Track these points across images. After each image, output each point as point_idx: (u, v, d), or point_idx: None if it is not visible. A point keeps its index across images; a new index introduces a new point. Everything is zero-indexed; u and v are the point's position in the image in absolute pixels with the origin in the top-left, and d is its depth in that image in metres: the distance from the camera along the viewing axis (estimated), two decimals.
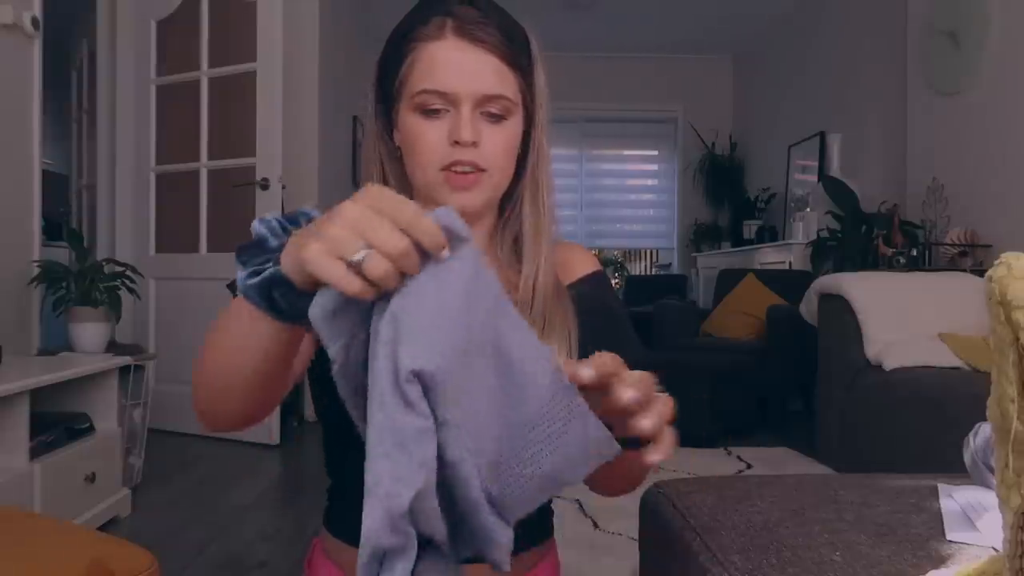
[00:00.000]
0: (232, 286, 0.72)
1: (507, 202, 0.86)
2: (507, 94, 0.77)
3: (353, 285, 0.43)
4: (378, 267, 0.42)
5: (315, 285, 0.46)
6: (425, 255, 0.45)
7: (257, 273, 0.52)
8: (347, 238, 0.43)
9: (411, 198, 0.71)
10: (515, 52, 0.79)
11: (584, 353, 0.74)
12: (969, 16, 3.28)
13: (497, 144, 0.78)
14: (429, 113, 0.77)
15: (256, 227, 0.54)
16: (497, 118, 0.78)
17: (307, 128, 3.76)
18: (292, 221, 0.55)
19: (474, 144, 0.76)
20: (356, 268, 0.43)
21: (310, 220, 0.53)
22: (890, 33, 4.06)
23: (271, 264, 0.51)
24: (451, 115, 0.76)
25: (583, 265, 0.90)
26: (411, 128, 0.78)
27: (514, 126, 0.80)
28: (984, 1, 3.19)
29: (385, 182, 0.83)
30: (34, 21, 2.41)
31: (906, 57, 3.81)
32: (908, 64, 3.78)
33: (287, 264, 0.49)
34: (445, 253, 0.45)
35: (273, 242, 0.53)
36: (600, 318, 0.85)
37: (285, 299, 0.51)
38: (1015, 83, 3.06)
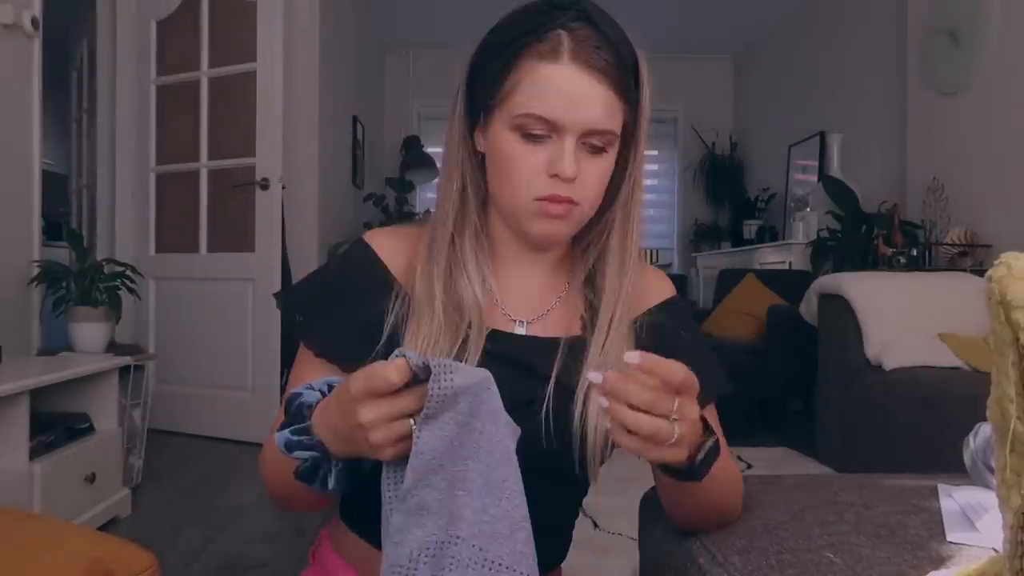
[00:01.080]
0: (278, 296, 0.84)
1: (586, 229, 0.82)
2: (612, 128, 0.74)
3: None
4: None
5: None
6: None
7: (303, 445, 0.65)
8: (384, 436, 0.59)
9: (485, 208, 0.82)
10: (627, 81, 0.75)
11: None
12: (969, 16, 3.28)
13: (593, 177, 0.75)
14: (530, 137, 0.73)
15: (303, 397, 0.68)
16: (597, 150, 0.74)
17: (307, 128, 3.76)
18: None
19: (573, 178, 0.73)
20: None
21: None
22: (890, 33, 4.06)
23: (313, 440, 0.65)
24: (553, 143, 0.73)
25: (658, 291, 0.87)
26: (508, 149, 0.74)
27: (611, 158, 0.76)
28: (984, 1, 3.19)
29: (463, 188, 0.80)
30: (34, 21, 2.40)
31: (906, 57, 3.81)
32: (908, 64, 3.78)
33: (341, 452, 0.63)
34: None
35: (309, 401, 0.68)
36: (675, 348, 0.78)
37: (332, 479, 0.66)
38: (1015, 83, 3.06)
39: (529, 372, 0.77)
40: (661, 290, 0.87)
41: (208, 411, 3.18)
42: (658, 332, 0.81)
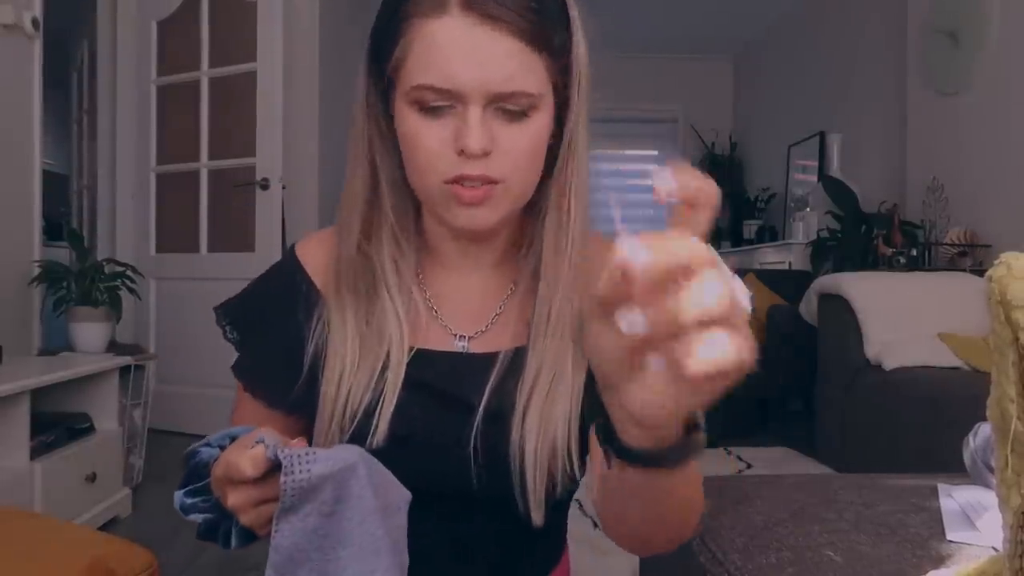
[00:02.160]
0: (220, 315, 0.79)
1: (532, 208, 0.69)
2: (529, 88, 0.60)
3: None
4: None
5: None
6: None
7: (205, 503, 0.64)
8: (253, 519, 0.57)
9: (411, 205, 0.71)
10: (545, 27, 0.60)
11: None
12: (969, 16, 3.28)
13: (516, 148, 0.62)
14: (429, 111, 0.61)
15: (200, 453, 0.64)
16: (516, 115, 0.61)
17: (307, 128, 3.76)
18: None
19: (485, 154, 0.61)
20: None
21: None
22: (890, 33, 4.06)
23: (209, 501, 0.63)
24: (456, 114, 0.60)
25: None
26: (408, 128, 0.62)
27: (539, 122, 0.63)
28: (984, 1, 3.19)
29: (375, 185, 0.69)
30: (34, 21, 2.40)
31: (906, 57, 3.81)
32: (908, 64, 3.78)
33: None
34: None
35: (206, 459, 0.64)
36: None
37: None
38: (1015, 83, 3.06)
39: (455, 401, 0.67)
40: None
41: (208, 411, 3.18)
42: None
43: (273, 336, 0.73)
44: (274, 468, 0.54)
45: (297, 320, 0.71)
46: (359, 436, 0.65)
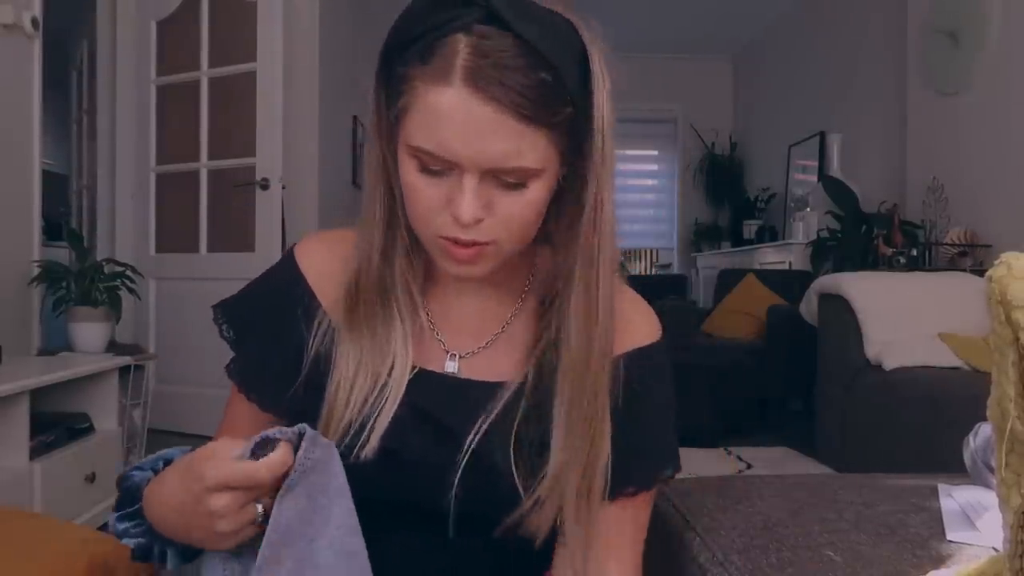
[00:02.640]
0: (217, 313, 0.80)
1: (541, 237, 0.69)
2: (527, 164, 0.60)
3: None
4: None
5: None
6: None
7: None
8: (233, 525, 0.56)
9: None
10: (547, 101, 0.59)
11: (615, 429, 0.68)
12: (969, 16, 3.28)
13: (511, 215, 0.62)
14: (428, 170, 0.61)
15: (132, 476, 0.67)
16: (514, 185, 0.61)
17: (307, 128, 3.76)
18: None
19: (477, 222, 0.61)
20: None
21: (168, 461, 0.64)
22: (890, 33, 4.06)
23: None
24: (453, 177, 0.60)
25: (643, 331, 0.74)
26: (407, 178, 0.63)
27: (537, 191, 0.62)
28: (984, 1, 3.19)
29: (391, 206, 0.69)
30: (34, 21, 2.40)
31: (906, 57, 3.81)
32: (908, 64, 3.78)
33: (176, 536, 0.62)
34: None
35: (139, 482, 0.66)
36: (638, 404, 0.70)
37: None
38: (1015, 83, 3.06)
39: (447, 432, 0.67)
40: (647, 331, 0.75)
41: (208, 411, 3.17)
42: (625, 382, 0.69)
43: (269, 340, 0.74)
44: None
45: (294, 326, 0.72)
46: (350, 446, 0.66)
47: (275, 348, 0.73)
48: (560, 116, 0.60)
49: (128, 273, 2.53)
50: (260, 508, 0.57)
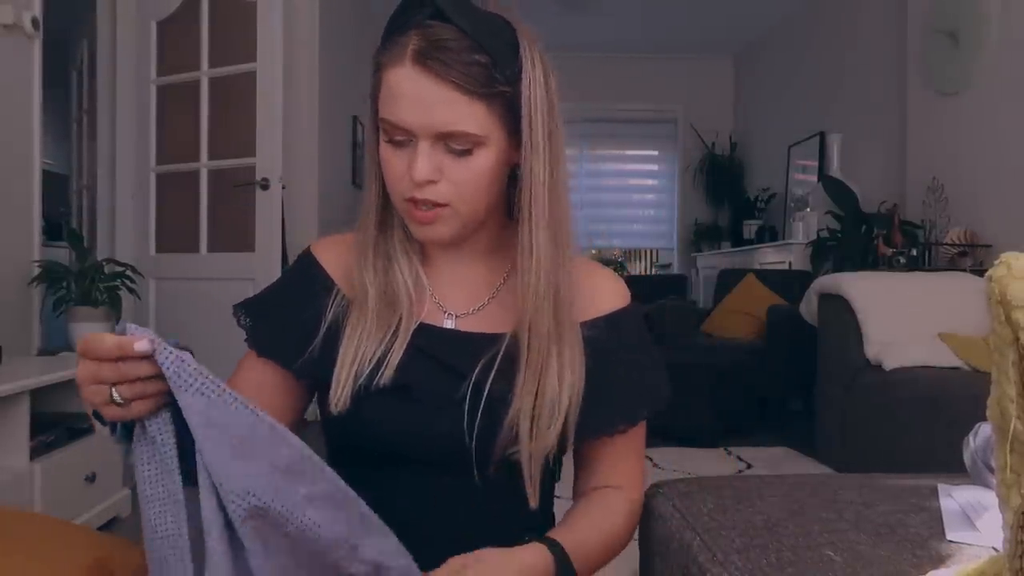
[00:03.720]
0: (237, 308, 0.87)
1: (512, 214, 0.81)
2: (469, 129, 0.71)
3: (115, 414, 0.60)
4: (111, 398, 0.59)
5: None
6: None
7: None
8: (91, 392, 0.60)
9: None
10: (483, 78, 0.71)
11: (596, 397, 0.79)
12: (969, 16, 3.28)
13: (460, 180, 0.74)
14: (394, 142, 0.74)
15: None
16: (461, 152, 0.73)
17: (307, 128, 3.76)
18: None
19: (431, 181, 0.73)
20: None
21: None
22: (890, 33, 4.06)
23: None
24: (412, 147, 0.73)
25: (611, 298, 0.85)
26: (381, 152, 0.76)
27: (483, 157, 0.74)
28: (984, 1, 3.19)
29: (385, 194, 0.82)
30: (34, 21, 2.40)
31: (906, 57, 3.81)
32: (908, 64, 3.78)
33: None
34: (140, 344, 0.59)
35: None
36: (616, 359, 0.82)
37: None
38: (1015, 83, 3.06)
39: (451, 368, 0.78)
40: (614, 297, 0.86)
41: None
42: (599, 346, 0.80)
43: (290, 310, 0.83)
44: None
45: (312, 299, 0.82)
46: (368, 379, 0.76)
47: (296, 317, 0.82)
48: (495, 91, 0.72)
49: (128, 273, 2.53)
50: (115, 392, 0.59)
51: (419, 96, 0.71)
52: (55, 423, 1.98)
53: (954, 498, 0.83)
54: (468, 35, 0.71)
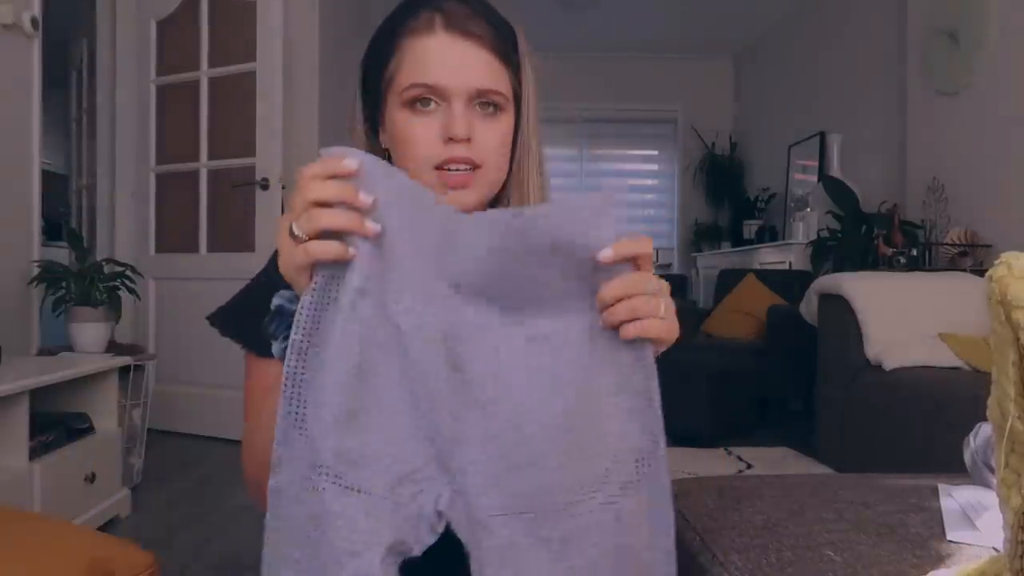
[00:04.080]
0: (214, 319, 0.83)
1: (498, 201, 0.84)
2: (501, 88, 0.76)
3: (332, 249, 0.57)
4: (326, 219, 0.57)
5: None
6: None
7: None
8: (305, 217, 0.57)
9: None
10: (506, 46, 0.77)
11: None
12: (969, 16, 3.28)
13: (491, 139, 0.76)
14: (420, 109, 0.74)
15: (275, 301, 0.66)
16: (490, 112, 0.76)
17: (307, 128, 3.76)
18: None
19: (467, 140, 0.74)
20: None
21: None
22: (890, 33, 4.06)
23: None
24: (443, 111, 0.74)
25: None
26: (401, 126, 0.76)
27: (506, 121, 0.78)
28: (984, 1, 3.19)
29: None
30: (34, 21, 2.40)
31: (906, 57, 3.81)
32: (908, 64, 3.78)
33: (289, 275, 0.61)
34: (348, 161, 0.56)
35: (292, 308, 0.62)
36: None
37: None
38: (1015, 83, 3.05)
39: None
40: None
41: (208, 411, 3.18)
42: None
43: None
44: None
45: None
46: None
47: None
48: (513, 62, 0.78)
49: (128, 273, 2.53)
50: (351, 250, 0.56)
51: (456, 56, 0.73)
52: (54, 423, 1.98)
53: (954, 498, 0.83)
54: (484, 13, 0.77)
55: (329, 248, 0.57)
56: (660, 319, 0.58)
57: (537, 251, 0.55)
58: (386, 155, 0.79)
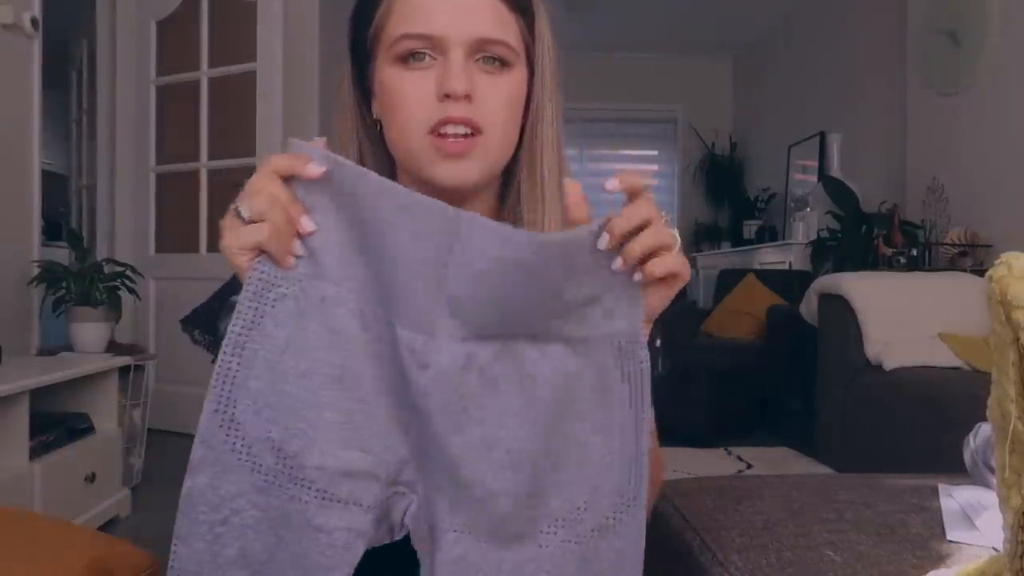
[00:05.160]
0: (186, 323, 0.80)
1: (508, 180, 0.72)
2: (507, 39, 0.64)
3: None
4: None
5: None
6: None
7: None
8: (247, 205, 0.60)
9: (392, 178, 0.71)
10: None
11: None
12: (969, 16, 3.28)
13: (496, 98, 0.64)
14: (412, 63, 0.63)
15: (235, 299, 0.64)
16: (496, 66, 0.64)
17: (307, 128, 3.76)
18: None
19: (467, 98, 0.62)
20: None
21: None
22: (890, 33, 4.06)
23: None
24: (439, 64, 0.63)
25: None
26: (391, 84, 0.65)
27: (515, 77, 0.66)
28: (984, 1, 3.19)
29: (361, 162, 0.71)
30: (34, 21, 2.40)
31: (906, 57, 3.81)
32: (908, 64, 3.78)
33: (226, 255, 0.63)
34: (312, 167, 0.55)
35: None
36: None
37: None
38: (1015, 83, 3.05)
39: None
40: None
41: None
42: None
43: None
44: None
45: None
46: None
47: None
48: (524, 9, 0.67)
49: (128, 273, 2.53)
50: (300, 250, 0.59)
51: (454, 0, 0.63)
52: (54, 423, 1.97)
53: (954, 498, 0.83)
54: None
55: (262, 240, 0.59)
56: (679, 252, 0.55)
57: (536, 267, 0.53)
58: (378, 127, 0.71)
